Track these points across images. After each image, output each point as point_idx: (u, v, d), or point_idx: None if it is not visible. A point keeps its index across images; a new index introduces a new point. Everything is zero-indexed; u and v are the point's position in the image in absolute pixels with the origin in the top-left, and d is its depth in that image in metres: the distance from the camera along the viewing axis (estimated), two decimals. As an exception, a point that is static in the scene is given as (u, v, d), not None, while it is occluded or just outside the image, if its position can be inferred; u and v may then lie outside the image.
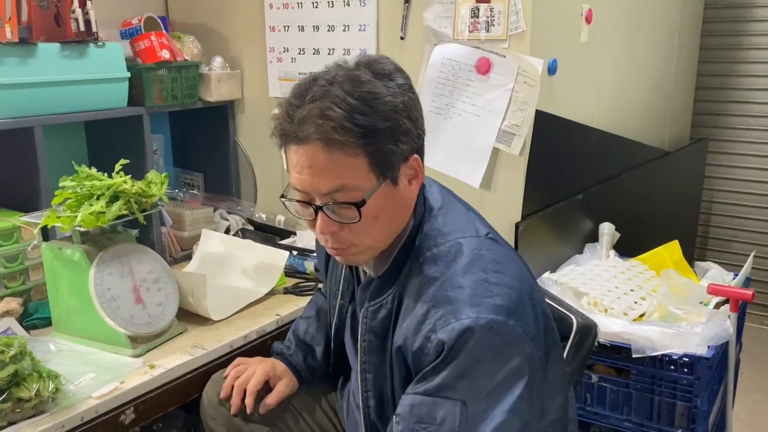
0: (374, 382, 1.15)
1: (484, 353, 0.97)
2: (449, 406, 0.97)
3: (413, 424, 0.99)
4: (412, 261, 1.09)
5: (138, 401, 1.39)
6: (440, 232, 1.10)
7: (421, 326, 1.02)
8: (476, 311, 0.98)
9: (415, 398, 1.00)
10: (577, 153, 2.13)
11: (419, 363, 1.02)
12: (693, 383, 1.57)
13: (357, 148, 0.99)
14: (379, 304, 1.12)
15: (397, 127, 1.01)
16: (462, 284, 1.02)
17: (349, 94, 0.98)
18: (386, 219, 1.06)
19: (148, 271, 1.58)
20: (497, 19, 1.72)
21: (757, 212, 3.48)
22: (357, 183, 1.01)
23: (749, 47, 3.39)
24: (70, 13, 1.77)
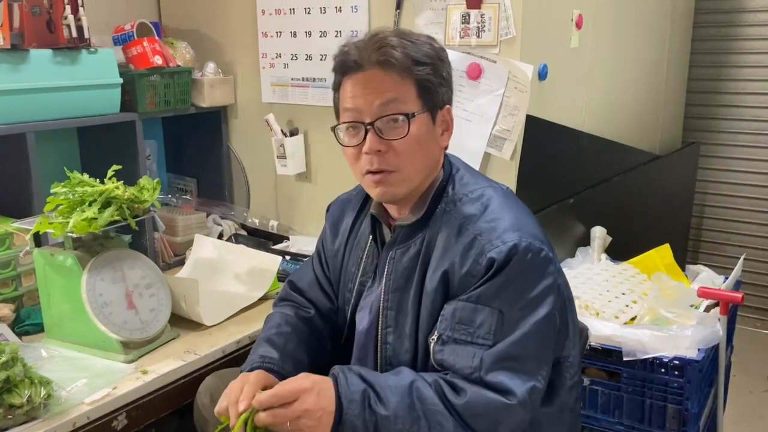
0: (395, 318, 1.23)
1: (523, 270, 1.12)
2: (487, 312, 1.11)
3: (454, 324, 1.13)
4: (446, 205, 1.22)
5: (130, 407, 1.39)
6: (470, 182, 1.25)
7: (468, 252, 1.15)
8: (518, 235, 1.13)
9: (458, 304, 1.14)
10: (568, 157, 2.14)
11: (466, 284, 1.15)
12: (684, 386, 1.57)
13: (408, 75, 1.16)
14: (406, 247, 1.23)
15: (438, 70, 1.19)
16: (501, 216, 1.17)
17: (401, 37, 1.18)
18: (425, 151, 1.20)
19: (140, 276, 1.58)
20: (488, 25, 1.73)
21: (749, 215, 3.50)
22: (407, 101, 1.17)
23: (740, 51, 3.41)
24: (63, 20, 1.78)
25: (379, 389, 1.12)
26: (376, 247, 1.33)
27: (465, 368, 1.11)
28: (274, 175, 2.26)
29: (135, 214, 1.56)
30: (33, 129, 1.74)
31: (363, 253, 1.35)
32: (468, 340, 1.12)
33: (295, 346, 1.34)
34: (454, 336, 1.13)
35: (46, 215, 1.50)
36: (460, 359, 1.12)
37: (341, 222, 1.42)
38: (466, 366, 1.11)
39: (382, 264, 1.30)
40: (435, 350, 1.16)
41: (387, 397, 1.10)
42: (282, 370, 1.27)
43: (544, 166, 1.97)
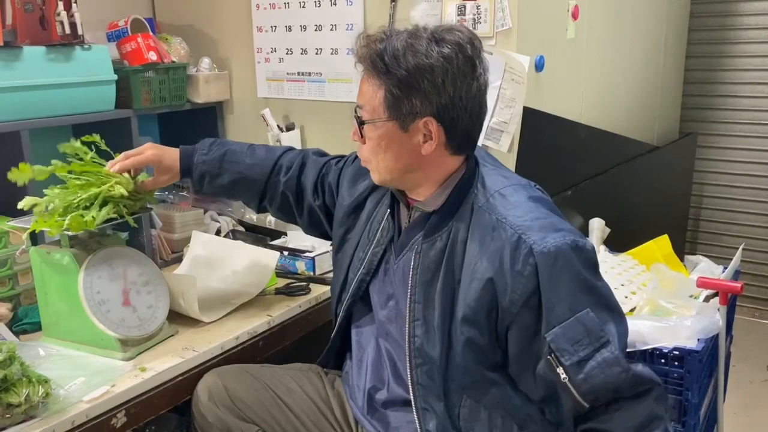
0: (423, 310, 1.24)
1: (581, 266, 1.15)
2: (584, 316, 1.13)
3: (573, 347, 1.14)
4: (476, 201, 1.23)
5: (129, 404, 1.38)
6: (499, 179, 1.26)
7: (515, 252, 1.15)
8: (562, 235, 1.15)
9: (557, 331, 1.14)
10: (565, 149, 2.14)
11: (516, 285, 1.15)
12: (684, 376, 1.57)
13: (379, 81, 1.18)
14: (433, 240, 1.24)
15: (413, 83, 1.15)
16: (540, 216, 1.18)
17: (400, 40, 1.16)
18: (391, 154, 1.22)
19: (138, 273, 1.58)
20: (483, 17, 1.73)
21: (747, 205, 3.50)
22: (371, 108, 1.20)
23: (737, 41, 3.41)
24: (56, 16, 1.76)
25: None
26: (392, 222, 1.35)
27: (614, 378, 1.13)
28: (271, 171, 2.24)
29: (132, 212, 1.55)
30: (27, 126, 1.74)
31: (379, 226, 1.37)
32: (593, 350, 1.14)
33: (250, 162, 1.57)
34: (581, 356, 1.13)
35: (44, 213, 1.49)
36: (607, 373, 1.13)
37: (361, 179, 1.46)
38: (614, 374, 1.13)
39: (400, 247, 1.32)
40: (578, 383, 1.14)
41: None
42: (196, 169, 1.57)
43: (541, 157, 1.96)
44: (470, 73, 1.16)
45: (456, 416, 1.25)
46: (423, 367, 1.25)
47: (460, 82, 1.15)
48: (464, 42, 1.16)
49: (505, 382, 1.24)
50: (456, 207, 1.24)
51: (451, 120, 1.18)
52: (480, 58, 1.19)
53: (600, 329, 1.14)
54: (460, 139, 1.21)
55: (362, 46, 1.19)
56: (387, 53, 1.15)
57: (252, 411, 1.43)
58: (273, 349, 1.71)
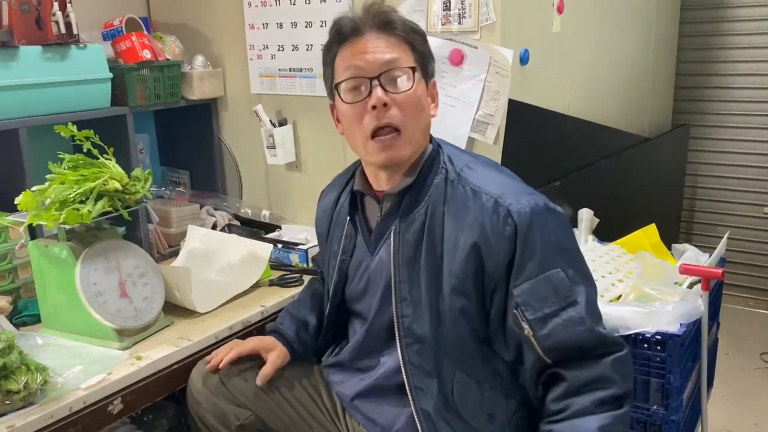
0: (409, 290, 1.27)
1: (555, 228, 1.21)
2: (555, 275, 1.18)
3: (538, 303, 1.18)
4: (448, 175, 1.28)
5: (125, 392, 1.42)
6: (463, 155, 1.34)
7: (493, 215, 1.20)
8: (534, 197, 1.22)
9: (524, 287, 1.19)
10: (552, 141, 2.17)
11: (499, 247, 1.20)
12: (665, 360, 1.61)
13: (405, 41, 1.26)
14: (410, 220, 1.28)
15: (427, 44, 1.30)
16: (509, 182, 1.27)
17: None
18: (423, 112, 1.28)
19: (133, 266, 1.62)
20: (468, 12, 1.76)
21: (740, 196, 3.53)
22: (408, 62, 1.25)
23: (729, 33, 3.43)
24: (51, 16, 1.80)
25: None
26: (353, 227, 1.38)
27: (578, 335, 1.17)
28: (265, 166, 2.29)
29: (127, 205, 1.60)
30: (25, 124, 1.78)
31: (342, 234, 1.41)
32: (559, 308, 1.18)
33: (306, 310, 1.58)
34: (545, 312, 1.18)
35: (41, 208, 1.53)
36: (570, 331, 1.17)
37: (326, 201, 1.51)
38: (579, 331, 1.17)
39: (374, 242, 1.35)
40: (540, 339, 1.18)
41: None
42: (285, 333, 1.52)
43: (528, 149, 2.00)
44: None
45: (450, 392, 1.27)
46: (414, 347, 1.27)
47: None
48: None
49: (494, 353, 1.28)
50: (426, 186, 1.28)
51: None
52: None
53: (568, 289, 1.18)
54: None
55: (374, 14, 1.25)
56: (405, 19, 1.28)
57: (245, 396, 1.46)
58: (266, 339, 1.75)
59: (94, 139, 1.59)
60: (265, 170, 2.32)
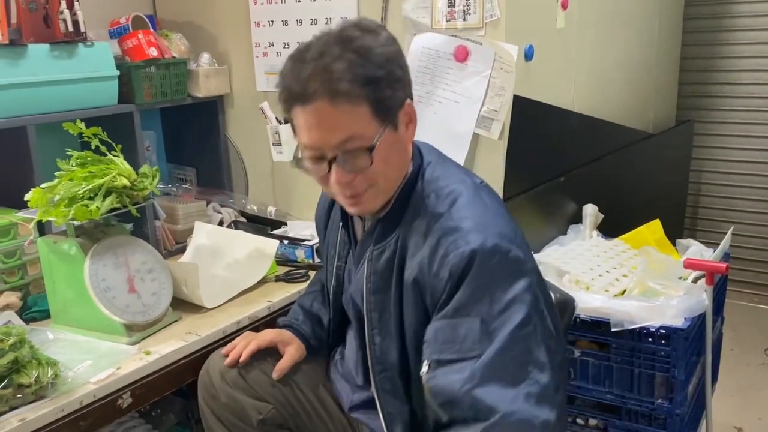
0: (379, 320, 1.24)
1: (492, 273, 1.08)
2: (468, 323, 1.08)
3: (440, 345, 1.10)
4: (416, 204, 1.20)
5: (134, 386, 1.44)
6: (440, 178, 1.21)
7: (434, 254, 1.13)
8: (483, 236, 1.09)
9: (437, 324, 1.12)
10: (557, 136, 2.18)
11: (435, 289, 1.13)
12: (670, 354, 1.62)
13: (360, 97, 1.08)
14: (382, 248, 1.22)
15: (392, 75, 1.12)
16: (468, 216, 1.13)
17: (345, 50, 1.07)
18: (394, 162, 1.18)
19: (141, 261, 1.63)
20: (473, 8, 1.77)
21: (744, 192, 3.53)
22: (364, 131, 1.10)
23: (732, 29, 3.43)
24: (59, 15, 1.82)
25: None
26: (346, 233, 1.37)
27: (456, 386, 1.05)
28: (271, 162, 2.30)
29: (135, 202, 1.61)
30: (33, 122, 1.79)
31: (337, 240, 1.40)
32: (456, 358, 1.07)
33: (319, 305, 1.56)
34: (442, 357, 1.09)
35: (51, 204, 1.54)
36: (453, 378, 1.06)
37: (322, 215, 1.50)
38: (458, 384, 1.05)
39: (357, 258, 1.32)
40: (428, 379, 1.11)
41: None
42: (301, 328, 1.51)
43: (533, 145, 2.01)
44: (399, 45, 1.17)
45: (421, 418, 1.26)
46: (385, 374, 1.26)
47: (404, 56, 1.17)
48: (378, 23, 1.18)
49: None
50: (401, 212, 1.21)
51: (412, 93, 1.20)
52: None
53: (477, 342, 1.06)
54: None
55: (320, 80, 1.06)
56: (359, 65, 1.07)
57: (264, 390, 1.44)
58: (274, 333, 1.76)
59: (102, 136, 1.61)
60: (271, 167, 2.33)
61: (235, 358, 1.44)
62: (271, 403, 1.44)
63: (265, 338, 1.48)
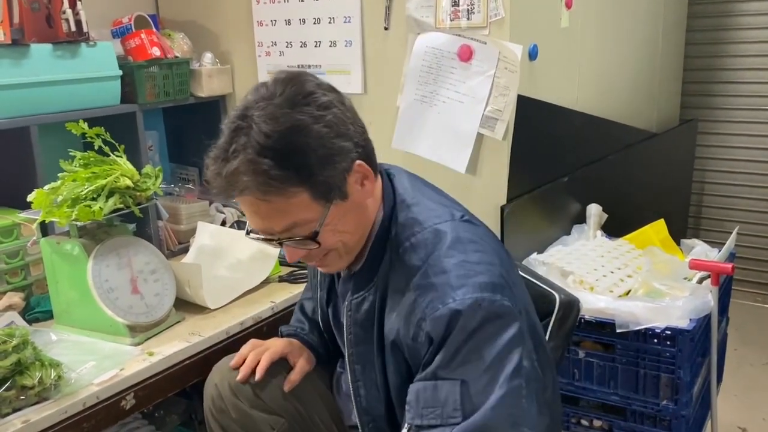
0: (362, 372, 1.20)
1: (474, 331, 1.00)
2: (449, 386, 1.00)
3: (421, 409, 1.03)
4: (392, 252, 1.12)
5: (138, 387, 1.43)
6: (416, 221, 1.12)
7: (411, 316, 1.06)
8: (462, 293, 1.01)
9: (418, 385, 1.04)
10: (561, 136, 2.17)
11: (415, 352, 1.06)
12: (675, 355, 1.61)
13: (294, 187, 1.00)
14: (362, 297, 1.16)
15: (329, 152, 1.02)
16: (445, 269, 1.04)
17: (270, 136, 0.98)
18: (349, 228, 1.10)
19: (144, 262, 1.63)
20: (477, 7, 1.76)
21: (748, 191, 3.52)
22: (306, 217, 1.04)
23: (737, 28, 3.42)
24: (61, 14, 1.81)
25: None
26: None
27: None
28: (274, 162, 2.29)
29: (138, 202, 1.61)
30: (36, 122, 1.79)
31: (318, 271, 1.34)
32: (438, 423, 1.01)
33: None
34: (423, 423, 1.02)
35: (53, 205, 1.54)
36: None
37: None
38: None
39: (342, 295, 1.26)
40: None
41: None
42: (309, 339, 1.48)
43: (537, 145, 2.00)
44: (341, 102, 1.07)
45: None
46: (372, 424, 1.23)
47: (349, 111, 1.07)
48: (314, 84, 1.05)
49: None
50: (377, 262, 1.14)
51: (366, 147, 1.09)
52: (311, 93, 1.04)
53: (458, 405, 0.99)
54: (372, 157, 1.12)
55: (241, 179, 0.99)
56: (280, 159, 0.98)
57: (277, 403, 1.40)
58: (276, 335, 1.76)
59: (104, 136, 1.61)
60: (274, 167, 2.32)
61: (248, 373, 1.39)
62: (283, 416, 1.41)
63: (276, 350, 1.42)
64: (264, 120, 0.99)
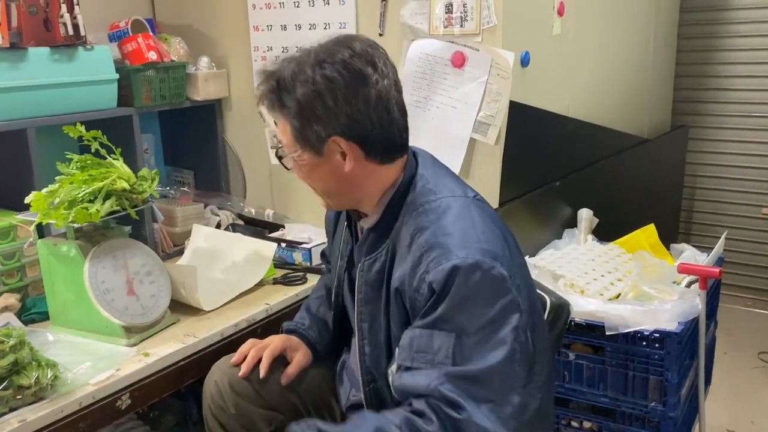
0: (369, 330, 1.26)
1: (473, 290, 1.07)
2: (444, 336, 1.07)
3: (413, 353, 1.10)
4: (405, 214, 1.20)
5: (133, 387, 1.45)
6: (432, 191, 1.21)
7: (416, 269, 1.12)
8: (465, 253, 1.08)
9: (414, 332, 1.12)
10: (552, 142, 2.20)
11: (415, 303, 1.13)
12: (664, 357, 1.64)
13: (282, 116, 1.19)
14: (374, 258, 1.24)
15: (309, 111, 1.15)
16: (452, 231, 1.13)
17: (289, 71, 1.16)
18: (319, 179, 1.24)
19: (140, 264, 1.64)
20: (470, 14, 1.79)
21: (739, 197, 3.55)
22: (286, 141, 1.22)
23: (727, 35, 3.46)
24: (59, 18, 1.83)
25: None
26: (350, 235, 1.38)
27: (422, 384, 1.06)
28: (269, 166, 2.31)
29: (134, 205, 1.62)
30: (33, 125, 1.80)
31: (341, 239, 1.41)
32: (427, 367, 1.08)
33: (325, 309, 1.54)
34: (414, 365, 1.09)
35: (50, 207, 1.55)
36: (420, 379, 1.08)
37: (330, 219, 1.51)
38: (425, 382, 1.06)
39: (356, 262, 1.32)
40: (394, 379, 1.14)
41: None
42: (308, 334, 1.52)
43: (529, 150, 2.02)
44: (363, 84, 1.14)
45: None
46: (372, 385, 1.27)
47: (353, 96, 1.13)
48: (349, 58, 1.14)
49: None
50: (392, 222, 1.22)
51: (360, 133, 1.16)
52: (372, 64, 1.15)
53: (448, 357, 1.06)
54: (379, 148, 1.19)
55: (259, 84, 1.22)
56: (279, 88, 1.16)
57: (274, 399, 1.44)
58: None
59: (101, 139, 1.62)
60: (269, 170, 2.35)
61: (250, 369, 1.43)
62: (281, 412, 1.45)
63: (276, 346, 1.46)
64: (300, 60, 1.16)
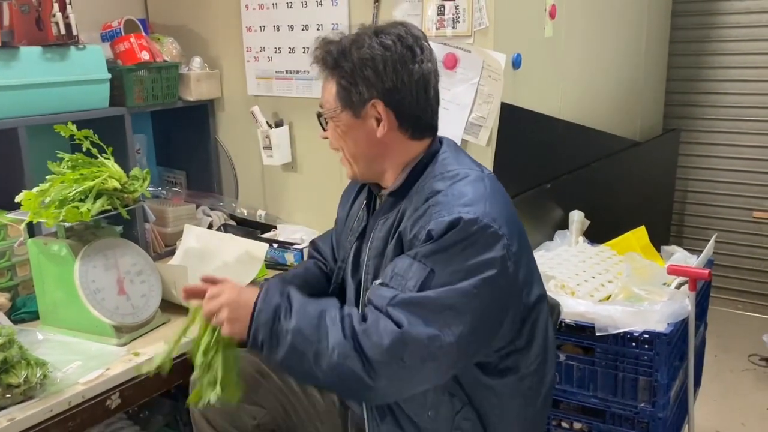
0: (372, 282, 1.31)
1: (463, 239, 1.16)
2: (421, 269, 1.17)
3: (392, 273, 1.21)
4: (423, 182, 1.30)
5: (123, 387, 1.45)
6: (451, 164, 1.31)
7: (421, 220, 1.23)
8: (467, 210, 1.18)
9: (400, 258, 1.22)
10: (544, 143, 2.21)
11: (411, 246, 1.22)
12: (653, 358, 1.65)
13: (332, 76, 1.30)
14: (386, 218, 1.33)
15: (358, 72, 1.26)
16: (461, 193, 1.23)
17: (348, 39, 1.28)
18: (352, 141, 1.33)
19: (131, 264, 1.64)
20: (462, 16, 1.80)
21: (730, 200, 3.57)
22: (327, 103, 1.33)
23: (719, 39, 3.48)
24: (51, 17, 1.83)
25: (294, 305, 1.20)
26: (366, 214, 1.44)
27: (382, 298, 1.17)
28: (261, 166, 2.31)
29: (125, 204, 1.62)
30: (24, 124, 1.80)
31: (356, 217, 1.47)
32: (396, 289, 1.18)
33: (300, 282, 1.52)
34: (389, 284, 1.20)
35: (41, 206, 1.55)
36: (382, 292, 1.19)
37: (350, 193, 1.55)
38: (384, 297, 1.17)
39: (370, 233, 1.39)
40: (370, 291, 1.25)
41: (298, 312, 1.19)
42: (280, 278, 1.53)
43: (520, 152, 2.03)
44: (410, 59, 1.26)
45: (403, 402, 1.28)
46: None
47: (401, 67, 1.25)
48: (404, 34, 1.27)
49: None
50: (409, 188, 1.32)
51: (398, 102, 1.27)
52: (421, 46, 1.28)
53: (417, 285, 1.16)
54: (411, 121, 1.30)
55: (317, 47, 1.31)
56: (336, 51, 1.28)
57: (257, 394, 1.46)
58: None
59: (93, 138, 1.62)
60: (261, 171, 2.35)
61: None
62: (265, 407, 1.47)
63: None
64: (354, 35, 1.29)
